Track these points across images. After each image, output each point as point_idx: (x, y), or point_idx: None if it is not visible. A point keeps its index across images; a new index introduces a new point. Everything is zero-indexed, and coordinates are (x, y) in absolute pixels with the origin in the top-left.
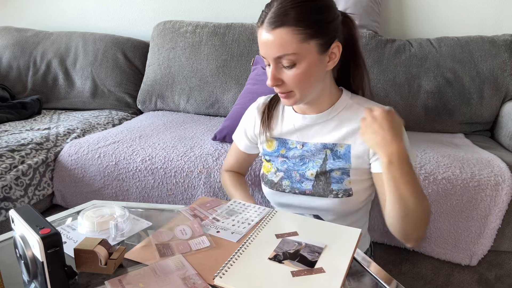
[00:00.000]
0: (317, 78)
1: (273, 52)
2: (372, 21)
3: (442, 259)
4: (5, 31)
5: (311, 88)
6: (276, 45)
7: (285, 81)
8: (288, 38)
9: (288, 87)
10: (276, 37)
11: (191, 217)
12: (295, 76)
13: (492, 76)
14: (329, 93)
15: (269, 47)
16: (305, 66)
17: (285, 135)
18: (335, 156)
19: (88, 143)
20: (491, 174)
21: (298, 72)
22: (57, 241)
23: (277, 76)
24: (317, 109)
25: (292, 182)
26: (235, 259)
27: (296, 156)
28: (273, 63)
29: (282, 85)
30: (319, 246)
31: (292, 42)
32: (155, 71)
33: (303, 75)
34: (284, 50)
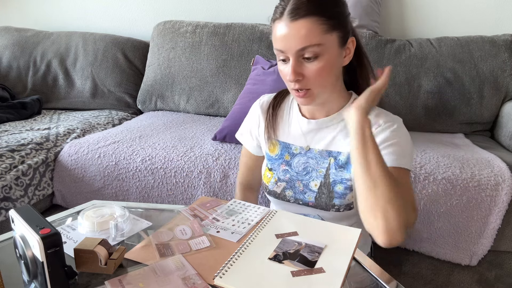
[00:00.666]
0: (334, 74)
1: (296, 44)
2: (372, 21)
3: (442, 259)
4: (5, 31)
5: (328, 84)
6: (300, 36)
7: (305, 75)
8: (313, 28)
9: (308, 82)
10: (299, 28)
11: (191, 217)
12: (317, 70)
13: (492, 76)
14: (339, 95)
15: (291, 39)
16: (327, 59)
17: (289, 139)
18: (337, 166)
19: (88, 143)
20: (491, 174)
21: (320, 66)
22: (57, 241)
23: (298, 71)
24: (325, 112)
25: (295, 192)
26: (235, 259)
27: (300, 164)
28: (294, 57)
29: (302, 81)
30: (319, 246)
31: (316, 33)
32: (155, 71)
33: (324, 69)
34: (308, 41)
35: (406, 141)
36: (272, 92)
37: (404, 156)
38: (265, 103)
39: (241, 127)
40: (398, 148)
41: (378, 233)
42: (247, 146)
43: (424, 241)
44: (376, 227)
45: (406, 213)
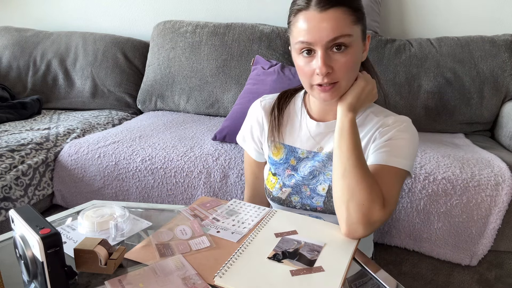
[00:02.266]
0: (357, 69)
1: (328, 34)
2: (372, 21)
3: (442, 259)
4: (5, 31)
5: (353, 79)
6: (332, 26)
7: (335, 68)
8: (344, 17)
9: (337, 75)
10: (331, 17)
11: (191, 217)
12: (346, 62)
13: (492, 76)
14: None
15: (322, 29)
16: (354, 52)
17: (296, 143)
18: None
19: (88, 143)
20: (491, 174)
21: (348, 58)
22: (57, 241)
23: (328, 63)
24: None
25: (302, 198)
26: (234, 259)
27: (306, 169)
28: (323, 49)
29: (331, 74)
30: (318, 245)
31: (347, 23)
32: (155, 71)
33: (352, 61)
34: (340, 30)
35: (408, 141)
36: (271, 92)
37: (398, 155)
38: (267, 104)
39: (241, 131)
40: (394, 147)
41: (340, 223)
42: (250, 151)
43: (424, 241)
44: (340, 217)
45: (369, 209)
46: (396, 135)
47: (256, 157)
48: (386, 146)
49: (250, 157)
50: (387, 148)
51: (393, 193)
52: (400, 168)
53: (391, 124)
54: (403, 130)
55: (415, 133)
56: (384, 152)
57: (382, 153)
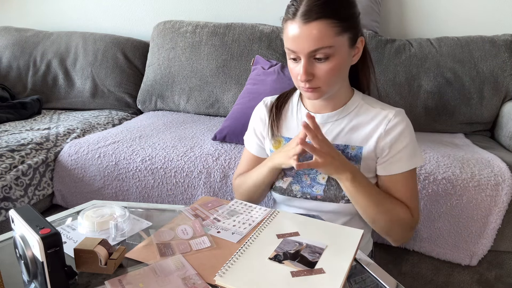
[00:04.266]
0: (344, 73)
1: (309, 46)
2: (372, 21)
3: (442, 259)
4: (5, 31)
5: (338, 83)
6: (314, 37)
7: (316, 75)
8: (325, 30)
9: (318, 82)
10: (313, 30)
11: (192, 217)
12: (328, 71)
13: (492, 76)
14: (345, 91)
15: (303, 41)
16: (337, 60)
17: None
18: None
19: (88, 143)
20: (491, 174)
21: (330, 66)
22: (57, 241)
23: (309, 71)
24: (331, 107)
25: (303, 187)
26: (235, 259)
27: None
28: (306, 57)
29: (312, 80)
30: (320, 247)
31: (328, 35)
32: (155, 71)
33: (335, 69)
34: (320, 43)
35: (412, 137)
36: (272, 92)
37: (413, 156)
38: (269, 103)
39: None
40: (407, 150)
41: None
42: (250, 147)
43: (424, 241)
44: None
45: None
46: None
47: (257, 152)
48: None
49: (250, 153)
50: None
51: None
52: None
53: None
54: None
55: (410, 125)
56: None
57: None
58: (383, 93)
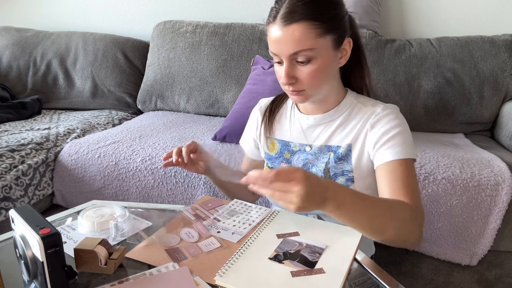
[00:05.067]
0: (329, 75)
1: (289, 49)
2: (372, 21)
3: (442, 259)
4: (5, 31)
5: (323, 85)
6: (292, 41)
7: (299, 78)
8: (305, 33)
9: (302, 85)
10: (292, 33)
11: (192, 217)
12: (310, 73)
13: (492, 76)
14: (336, 92)
15: (284, 43)
16: (321, 62)
17: (288, 137)
18: (336, 159)
19: (88, 143)
20: (491, 174)
21: (313, 69)
22: (57, 241)
23: (291, 74)
24: (323, 109)
25: None
26: (236, 258)
27: (300, 161)
28: (287, 60)
29: (295, 83)
30: (320, 247)
31: (309, 37)
32: (155, 71)
33: (318, 71)
34: (301, 45)
35: (403, 130)
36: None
37: (408, 145)
38: (263, 106)
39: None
40: (401, 137)
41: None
42: (246, 150)
43: (424, 241)
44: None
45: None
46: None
47: (252, 154)
48: (391, 140)
49: (249, 157)
50: (389, 144)
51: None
52: (409, 158)
53: (380, 112)
54: (394, 120)
55: (404, 120)
56: (395, 146)
57: (387, 150)
58: (383, 93)
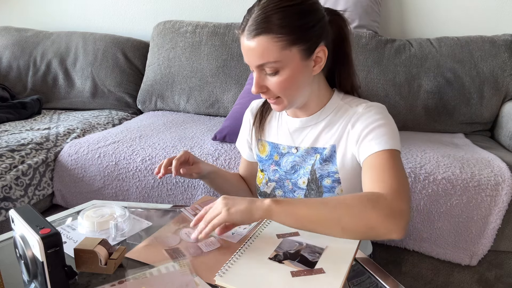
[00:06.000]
0: (303, 84)
1: (255, 60)
2: (372, 21)
3: (442, 259)
4: (5, 31)
5: (298, 93)
6: (257, 53)
7: (269, 88)
8: (268, 46)
9: (273, 93)
10: (256, 45)
11: (192, 216)
12: (279, 83)
13: (492, 76)
14: (318, 96)
15: (250, 55)
16: (288, 73)
17: (277, 140)
18: (322, 160)
19: (88, 143)
20: (491, 174)
21: (281, 79)
22: (57, 241)
23: (261, 84)
24: (309, 111)
25: (285, 191)
26: (236, 258)
27: (288, 163)
28: (256, 70)
29: (267, 92)
30: (320, 247)
31: (273, 50)
32: (155, 71)
33: (287, 82)
34: (265, 58)
35: (389, 122)
36: None
37: (390, 136)
38: (254, 108)
39: (238, 136)
40: (381, 130)
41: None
42: (243, 154)
43: (424, 241)
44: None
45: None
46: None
47: (247, 156)
48: (372, 132)
49: (243, 158)
50: (370, 136)
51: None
52: (392, 149)
53: (361, 110)
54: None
55: (388, 115)
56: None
57: (368, 143)
58: (383, 93)
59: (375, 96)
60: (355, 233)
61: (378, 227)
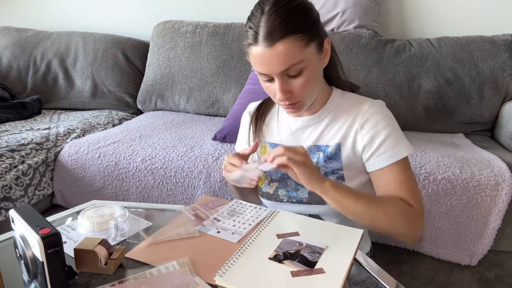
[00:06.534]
0: (319, 79)
1: (279, 67)
2: (372, 21)
3: (442, 259)
4: (5, 31)
5: (316, 90)
6: (281, 58)
7: (293, 91)
8: (291, 48)
9: (297, 96)
10: (279, 51)
11: (192, 216)
12: (304, 84)
13: (492, 76)
14: (322, 93)
15: (273, 62)
16: (310, 71)
17: (278, 140)
18: (326, 158)
19: (88, 143)
20: (491, 174)
21: (305, 79)
22: (57, 241)
23: (286, 89)
24: (310, 111)
25: (288, 191)
26: (236, 258)
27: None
28: (279, 77)
29: (291, 97)
30: (320, 247)
31: (296, 51)
32: (155, 71)
33: (310, 80)
34: (290, 61)
35: (395, 127)
36: None
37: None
38: (252, 110)
39: (237, 140)
40: (391, 140)
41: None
42: None
43: (424, 241)
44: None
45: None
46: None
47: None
48: (379, 149)
49: None
50: (381, 150)
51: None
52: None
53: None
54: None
55: (391, 116)
56: (386, 152)
57: (380, 156)
58: (383, 93)
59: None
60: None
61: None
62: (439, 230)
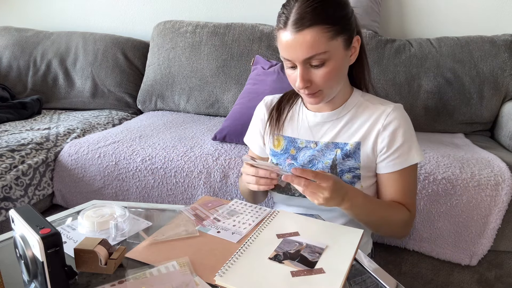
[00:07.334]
0: (342, 75)
1: (303, 54)
2: (372, 21)
3: (442, 259)
4: (5, 31)
5: (338, 84)
6: (306, 46)
7: (314, 81)
8: (318, 37)
9: (317, 87)
10: (305, 38)
11: (192, 216)
12: (325, 75)
13: (492, 76)
14: (344, 90)
15: (297, 49)
16: (334, 64)
17: (295, 134)
18: (344, 156)
19: (88, 143)
20: (491, 174)
21: (327, 71)
22: (57, 241)
23: (306, 78)
24: (331, 106)
25: None
26: (236, 258)
27: (306, 157)
28: (301, 65)
29: (310, 86)
30: (320, 247)
31: (322, 41)
32: (155, 71)
33: (332, 73)
34: (315, 50)
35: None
36: (271, 92)
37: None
38: (269, 102)
39: (248, 131)
40: (407, 146)
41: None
42: (254, 149)
43: (424, 241)
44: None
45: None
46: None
47: (260, 152)
48: (395, 153)
49: (253, 153)
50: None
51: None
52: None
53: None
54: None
55: (409, 120)
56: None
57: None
58: (383, 93)
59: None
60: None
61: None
62: (439, 230)
